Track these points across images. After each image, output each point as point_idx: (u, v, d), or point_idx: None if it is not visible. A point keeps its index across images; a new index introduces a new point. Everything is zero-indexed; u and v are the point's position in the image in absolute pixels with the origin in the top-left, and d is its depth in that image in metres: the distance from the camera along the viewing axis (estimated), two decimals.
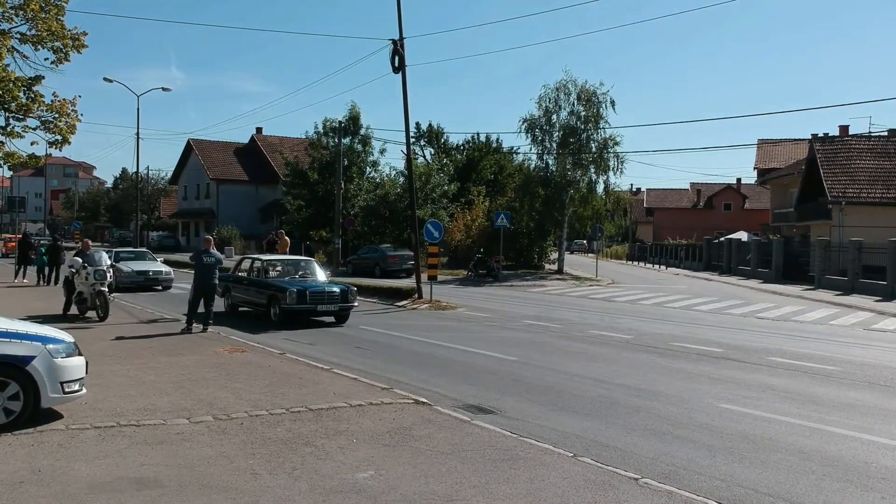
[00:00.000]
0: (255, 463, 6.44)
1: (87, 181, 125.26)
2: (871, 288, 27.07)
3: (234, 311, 18.53)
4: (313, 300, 16.37)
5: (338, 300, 16.60)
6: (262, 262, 18.15)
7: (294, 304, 16.02)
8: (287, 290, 16.07)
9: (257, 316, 17.62)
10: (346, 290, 16.85)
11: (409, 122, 24.02)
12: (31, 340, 7.46)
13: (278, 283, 16.76)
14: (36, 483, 5.80)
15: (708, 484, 6.39)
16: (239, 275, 18.71)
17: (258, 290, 17.26)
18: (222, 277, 17.51)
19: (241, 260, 19.79)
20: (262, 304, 17.05)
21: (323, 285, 16.98)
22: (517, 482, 6.12)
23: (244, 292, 18.00)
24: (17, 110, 15.04)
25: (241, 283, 18.27)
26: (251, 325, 16.44)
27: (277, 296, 16.28)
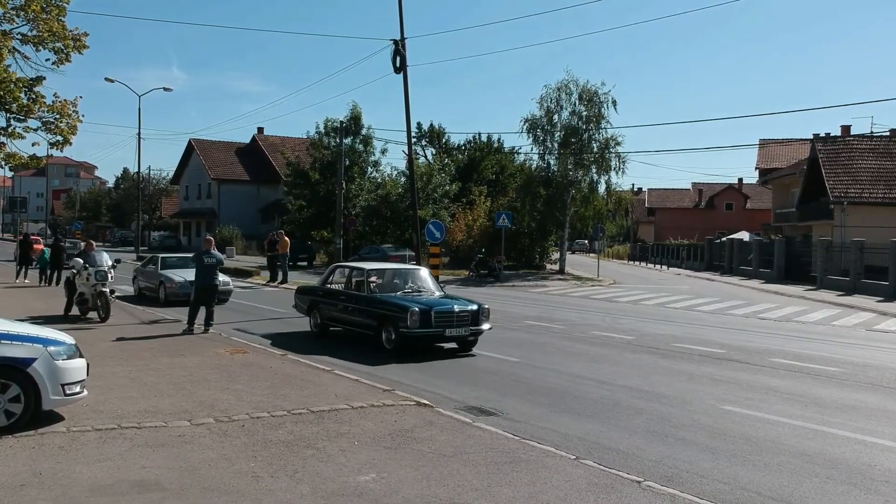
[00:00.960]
0: (256, 465, 6.43)
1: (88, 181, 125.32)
2: (873, 288, 27.02)
3: (324, 333, 15.01)
4: (440, 323, 12.65)
5: (468, 322, 12.93)
6: (364, 273, 14.32)
7: (416, 328, 12.41)
8: (409, 310, 12.43)
9: (359, 340, 14.25)
10: (478, 309, 13.13)
11: (410, 121, 24.06)
12: (32, 342, 7.45)
13: (394, 301, 13.14)
14: (37, 486, 5.79)
15: (711, 487, 6.37)
16: (331, 288, 15.17)
17: (363, 308, 13.66)
18: (307, 290, 15.67)
19: (332, 269, 15.87)
20: (368, 326, 13.52)
21: (451, 303, 13.21)
22: (519, 485, 6.10)
23: (340, 310, 14.41)
24: (18, 111, 15.03)
25: (335, 298, 14.67)
26: (354, 352, 13.12)
27: (394, 317, 12.72)
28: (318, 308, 14.97)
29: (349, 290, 14.47)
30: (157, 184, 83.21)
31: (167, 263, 22.09)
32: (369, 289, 14.04)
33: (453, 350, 13.50)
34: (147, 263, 22.78)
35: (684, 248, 53.92)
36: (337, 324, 14.72)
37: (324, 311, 14.85)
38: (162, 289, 20.43)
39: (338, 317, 14.54)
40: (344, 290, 14.70)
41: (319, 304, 14.99)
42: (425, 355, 12.84)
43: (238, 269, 33.33)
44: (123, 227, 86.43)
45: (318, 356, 12.30)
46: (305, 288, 16.49)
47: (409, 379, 10.84)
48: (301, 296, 16.05)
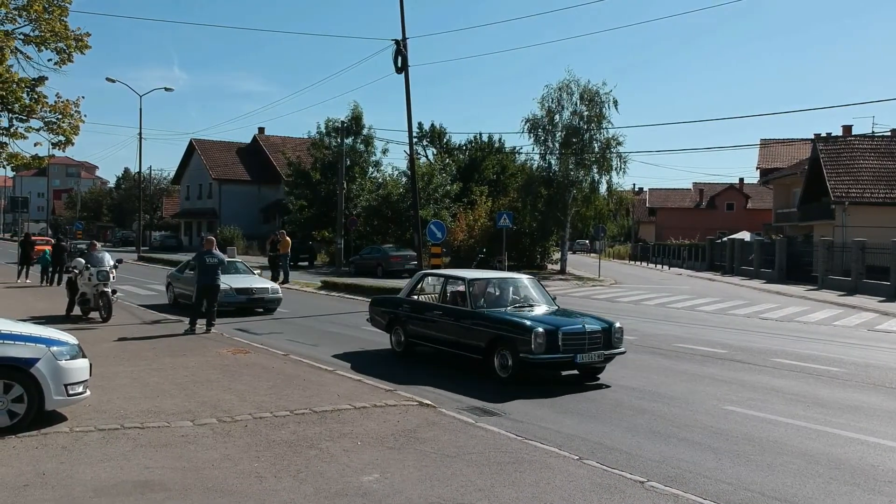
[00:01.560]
0: (259, 466, 6.43)
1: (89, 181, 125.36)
2: (875, 288, 27.00)
3: (408, 352, 12.73)
4: (569, 346, 10.30)
5: (600, 344, 10.61)
6: (465, 283, 11.86)
7: (541, 352, 10.08)
8: (532, 331, 10.09)
9: (456, 364, 11.91)
10: (608, 328, 10.88)
11: (411, 121, 24.03)
12: (35, 342, 7.45)
13: (510, 318, 10.86)
14: (40, 486, 5.79)
15: (714, 487, 6.37)
16: (420, 300, 12.85)
17: (466, 326, 11.24)
18: (387, 302, 13.65)
19: (420, 277, 13.49)
20: (473, 348, 11.13)
21: (578, 320, 10.89)
22: (523, 485, 6.10)
23: (434, 327, 12.04)
24: (20, 111, 15.03)
25: (426, 312, 12.29)
26: (452, 379, 10.78)
27: (511, 339, 10.39)
28: (403, 323, 12.69)
29: (445, 304, 12.14)
30: (158, 184, 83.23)
31: None
32: (474, 302, 11.51)
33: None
34: (184, 268, 20.32)
35: (685, 248, 53.89)
36: (428, 343, 12.37)
37: (411, 328, 12.52)
38: None
39: (430, 335, 12.18)
40: (439, 302, 12.33)
41: (404, 319, 12.68)
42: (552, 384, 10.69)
43: None
44: (124, 227, 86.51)
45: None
46: (385, 299, 14.04)
47: (411, 379, 10.84)
48: (379, 308, 13.70)
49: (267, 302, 19.14)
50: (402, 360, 12.56)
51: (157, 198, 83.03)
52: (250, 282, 19.38)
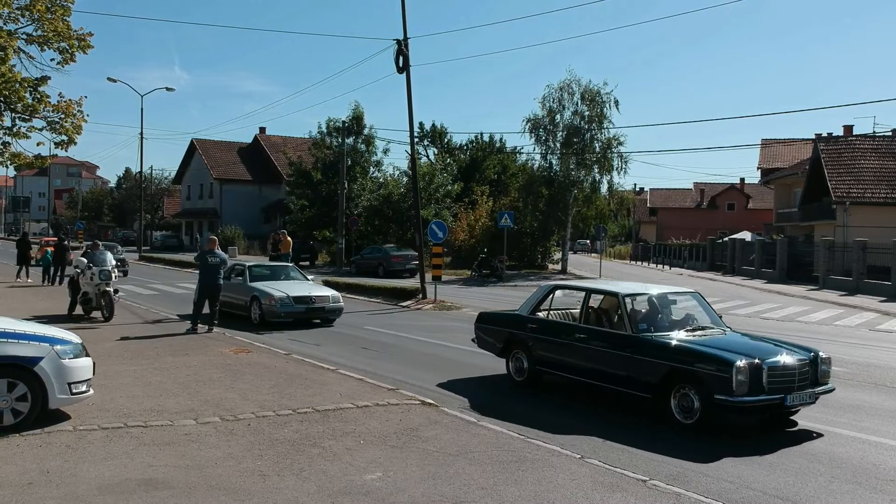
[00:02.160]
0: (262, 464, 6.45)
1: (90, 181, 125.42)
2: (876, 288, 27.00)
3: (533, 382, 10.36)
4: (776, 384, 8.12)
5: (808, 380, 8.49)
6: (619, 299, 9.38)
7: (743, 393, 7.87)
8: (733, 366, 7.85)
9: (593, 395, 9.82)
10: (814, 359, 8.70)
11: (413, 121, 24.02)
12: (39, 341, 7.47)
13: (695, 348, 8.45)
14: (45, 484, 5.81)
15: (716, 486, 6.39)
16: (552, 319, 10.50)
17: (626, 355, 8.86)
18: (502, 319, 11.25)
19: (549, 290, 10.72)
20: (637, 383, 8.74)
21: (777, 349, 8.63)
22: (525, 484, 6.12)
23: (575, 354, 9.61)
24: (23, 111, 15.04)
25: (564, 335, 9.90)
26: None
27: (698, 375, 8.11)
28: (528, 347, 10.28)
29: (589, 325, 9.76)
30: (159, 183, 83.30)
31: (256, 274, 17.99)
32: (633, 324, 9.04)
33: (460, 349, 13.44)
34: (229, 275, 17.87)
35: (686, 247, 53.88)
36: (563, 373, 9.96)
37: (539, 353, 10.12)
38: (255, 306, 16.61)
39: (568, 363, 9.79)
40: (580, 322, 9.83)
41: (530, 342, 10.26)
42: None
43: None
44: (125, 226, 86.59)
45: None
46: (500, 316, 11.55)
47: (413, 378, 10.86)
48: (491, 327, 11.24)
49: (328, 311, 17.02)
50: (525, 393, 10.16)
51: (157, 198, 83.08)
52: (309, 289, 17.31)
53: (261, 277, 17.79)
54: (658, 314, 9.54)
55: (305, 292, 16.92)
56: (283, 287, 16.96)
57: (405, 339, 15.07)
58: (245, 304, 17.07)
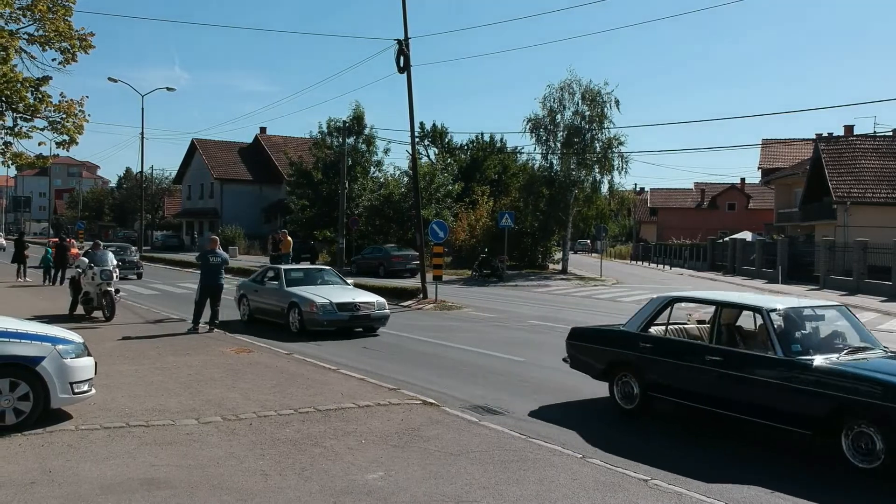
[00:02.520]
0: (264, 464, 6.46)
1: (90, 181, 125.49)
2: (877, 288, 27.01)
3: (644, 408, 8.80)
4: None
5: None
6: (764, 316, 7.92)
7: None
8: None
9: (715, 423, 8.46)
10: None
11: (413, 121, 24.03)
12: (41, 341, 7.49)
13: (873, 375, 6.98)
14: (47, 483, 5.82)
15: (718, 485, 6.39)
16: (670, 337, 8.89)
17: (778, 383, 7.39)
18: (603, 336, 9.63)
19: (666, 303, 8.99)
20: (794, 417, 7.34)
21: None
22: (527, 483, 6.13)
23: (706, 380, 8.05)
24: (24, 111, 15.03)
25: (689, 356, 8.32)
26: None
27: (884, 410, 6.63)
28: (640, 370, 8.74)
29: (721, 345, 8.14)
30: (160, 183, 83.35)
31: (293, 278, 16.69)
32: (785, 346, 7.55)
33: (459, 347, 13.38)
34: (261, 279, 17.37)
35: (687, 247, 53.89)
36: (687, 400, 8.39)
37: (653, 377, 8.60)
38: (294, 314, 15.28)
39: (697, 391, 8.18)
40: (712, 342, 8.25)
41: (643, 365, 8.70)
42: None
43: (241, 269, 33.36)
44: (126, 226, 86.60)
45: None
46: (600, 333, 9.91)
47: (414, 378, 10.87)
48: (589, 346, 9.62)
49: (373, 319, 15.55)
50: (635, 423, 8.63)
51: (158, 197, 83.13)
52: (352, 294, 15.97)
53: (297, 282, 16.48)
54: (811, 333, 8.06)
55: (349, 298, 15.52)
56: (323, 292, 15.63)
57: (406, 339, 15.08)
58: (282, 311, 15.77)
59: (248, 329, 15.67)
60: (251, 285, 17.61)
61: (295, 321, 15.26)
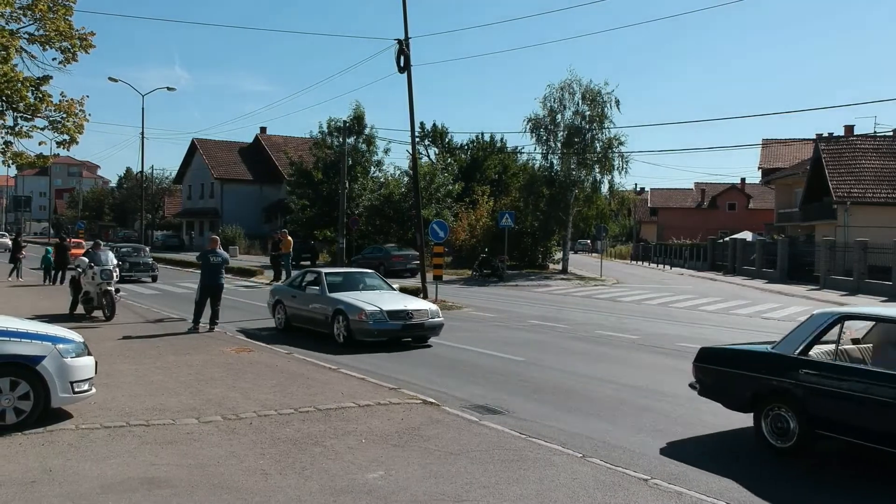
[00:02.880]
0: (265, 463, 6.46)
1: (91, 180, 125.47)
2: (877, 288, 27.00)
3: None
4: None
5: None
6: None
7: None
8: None
9: None
10: None
11: (414, 121, 24.01)
12: (41, 340, 7.49)
13: None
14: (48, 483, 5.82)
15: (718, 485, 6.39)
16: (840, 363, 7.25)
17: None
18: (755, 361, 7.88)
19: (832, 322, 7.48)
20: None
21: None
22: (527, 483, 6.13)
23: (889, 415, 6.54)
24: (25, 110, 15.03)
25: (878, 386, 6.63)
26: None
27: None
28: (800, 401, 7.22)
29: None
30: (160, 183, 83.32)
31: (335, 283, 15.25)
32: None
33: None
34: (300, 284, 15.84)
35: (687, 247, 53.89)
36: (873, 442, 6.76)
37: (820, 410, 7.08)
38: (340, 323, 13.83)
39: (889, 430, 6.57)
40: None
41: (804, 395, 7.18)
42: None
43: (241, 269, 33.43)
44: (126, 226, 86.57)
45: None
46: (740, 354, 8.34)
47: (414, 378, 10.87)
48: (727, 370, 8.18)
49: (427, 329, 14.04)
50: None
51: (158, 197, 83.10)
52: (403, 301, 14.48)
53: (340, 286, 15.07)
54: None
55: (400, 305, 14.01)
56: (370, 298, 14.18)
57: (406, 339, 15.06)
58: (325, 319, 14.37)
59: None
60: (288, 290, 16.21)
61: (341, 331, 13.76)
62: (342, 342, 13.67)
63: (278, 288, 17.14)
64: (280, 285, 17.90)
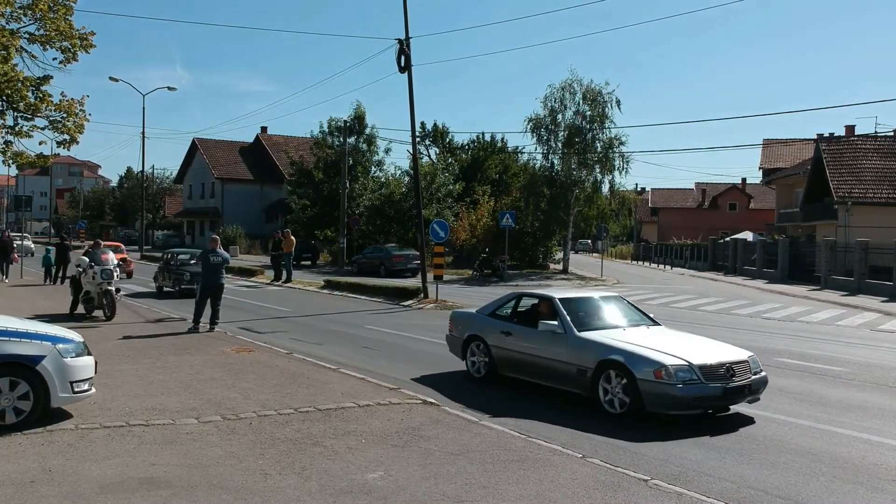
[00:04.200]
0: (264, 463, 6.45)
1: (91, 180, 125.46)
2: (878, 288, 26.98)
3: None
4: None
5: None
6: None
7: None
8: None
9: None
10: None
11: (414, 121, 24.01)
12: (41, 340, 7.49)
13: None
14: (47, 482, 5.82)
15: (718, 485, 6.38)
16: None
17: None
18: None
19: None
20: None
21: None
22: (527, 483, 6.12)
23: None
24: (25, 110, 15.05)
25: None
26: None
27: None
28: None
29: None
30: (161, 183, 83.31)
31: (581, 316, 10.03)
32: None
33: None
34: (512, 313, 10.92)
35: (688, 247, 53.86)
36: None
37: None
38: (614, 382, 8.84)
39: None
40: None
41: None
42: None
43: (242, 268, 33.43)
44: (127, 226, 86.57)
45: None
46: None
47: (414, 377, 10.85)
48: None
49: (755, 390, 8.92)
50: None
51: (159, 197, 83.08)
52: (713, 350, 9.29)
53: (590, 320, 10.01)
54: None
55: (715, 358, 8.87)
56: (655, 342, 9.22)
57: (406, 339, 15.07)
58: (574, 374, 9.30)
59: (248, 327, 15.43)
60: (490, 322, 10.97)
61: (616, 395, 8.76)
62: (619, 411, 8.71)
63: (468, 316, 11.83)
64: (470, 312, 11.97)
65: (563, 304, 10.12)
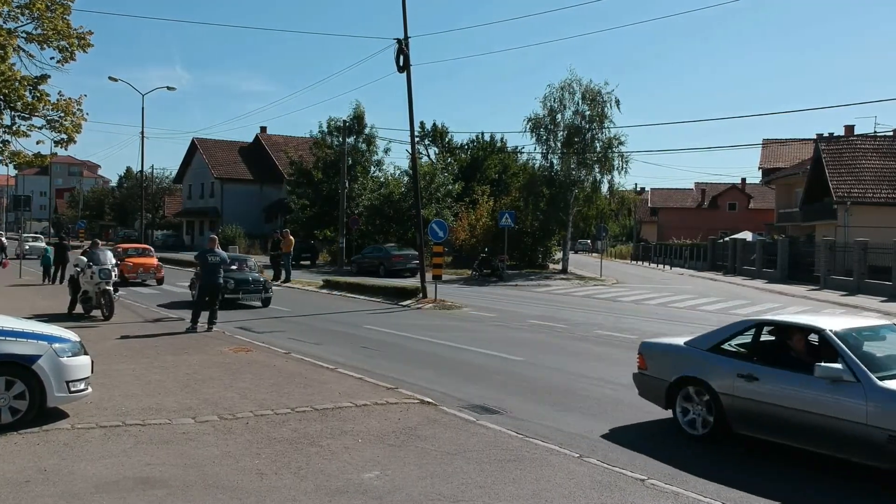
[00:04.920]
0: (260, 463, 6.44)
1: (91, 180, 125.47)
2: (877, 288, 26.96)
3: None
4: None
5: None
6: None
7: None
8: None
9: None
10: None
11: (413, 121, 23.99)
12: (37, 339, 7.47)
13: None
14: (42, 482, 5.80)
15: (715, 485, 6.37)
16: None
17: None
18: None
19: None
20: None
21: None
22: (523, 483, 6.11)
23: None
24: (22, 109, 15.03)
25: None
26: None
27: None
28: None
29: None
30: (160, 183, 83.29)
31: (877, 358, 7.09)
32: None
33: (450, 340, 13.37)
34: (751, 352, 7.81)
35: (687, 247, 53.85)
36: None
37: None
38: None
39: None
40: None
41: None
42: None
43: None
44: (127, 226, 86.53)
45: None
46: None
47: (412, 377, 10.85)
48: None
49: None
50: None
51: (159, 197, 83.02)
52: None
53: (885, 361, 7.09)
54: None
55: None
56: None
57: (405, 339, 15.05)
58: (883, 440, 6.36)
59: (246, 327, 15.59)
60: (723, 362, 7.84)
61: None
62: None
63: (674, 350, 8.51)
64: (676, 345, 8.55)
65: (843, 339, 7.11)
